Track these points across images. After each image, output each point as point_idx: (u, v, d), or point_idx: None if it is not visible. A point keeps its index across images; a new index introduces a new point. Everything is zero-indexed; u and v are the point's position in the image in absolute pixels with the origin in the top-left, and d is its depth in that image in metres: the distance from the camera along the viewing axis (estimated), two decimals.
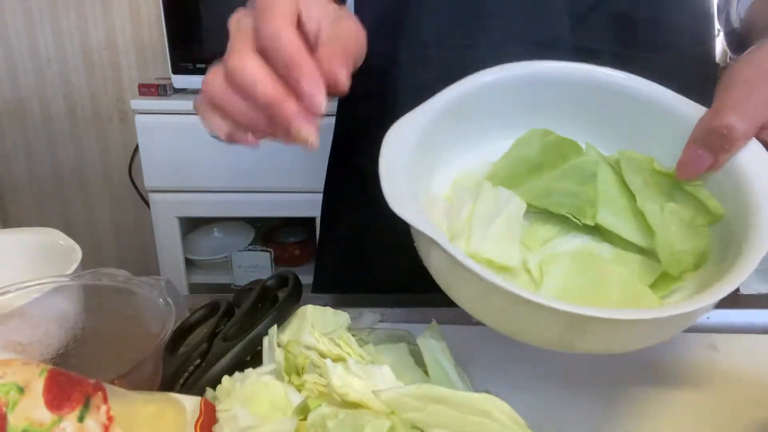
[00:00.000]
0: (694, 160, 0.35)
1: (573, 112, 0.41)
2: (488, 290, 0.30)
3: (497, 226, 0.36)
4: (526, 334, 0.33)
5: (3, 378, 0.26)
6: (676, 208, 0.36)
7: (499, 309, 0.32)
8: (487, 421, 0.31)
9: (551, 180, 0.39)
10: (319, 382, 0.35)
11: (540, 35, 0.55)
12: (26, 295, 0.39)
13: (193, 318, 0.46)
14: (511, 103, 0.41)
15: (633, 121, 0.40)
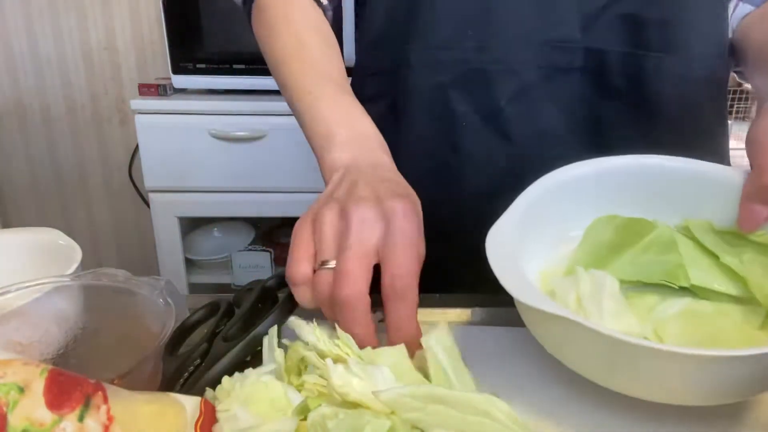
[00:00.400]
0: (753, 215, 0.39)
1: (629, 197, 0.45)
2: (637, 354, 0.32)
3: (606, 302, 0.39)
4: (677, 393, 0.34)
5: (3, 378, 0.26)
6: (752, 256, 0.40)
7: (647, 370, 0.33)
8: (487, 421, 0.31)
9: (635, 255, 0.43)
10: (318, 382, 0.35)
11: (551, 36, 0.55)
12: (26, 295, 0.39)
13: (193, 318, 0.46)
14: (574, 199, 0.46)
15: (681, 194, 0.44)
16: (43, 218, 2.00)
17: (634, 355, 0.32)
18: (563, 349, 0.37)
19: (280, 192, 1.57)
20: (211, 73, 1.55)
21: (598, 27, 0.55)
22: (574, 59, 0.55)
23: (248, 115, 1.51)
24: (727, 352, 0.30)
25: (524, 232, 0.42)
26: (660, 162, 0.45)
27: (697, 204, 0.43)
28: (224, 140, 1.52)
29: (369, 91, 0.63)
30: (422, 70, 0.58)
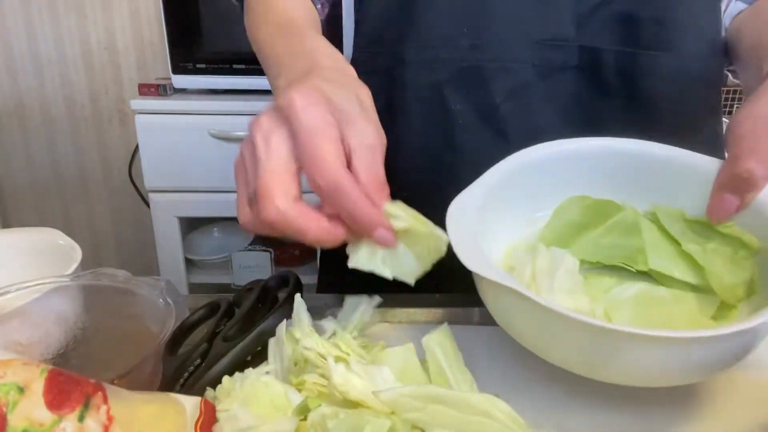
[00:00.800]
0: (723, 204, 0.39)
1: (603, 180, 0.45)
2: (571, 327, 0.32)
3: (559, 279, 0.40)
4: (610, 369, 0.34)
5: (3, 378, 0.26)
6: (716, 246, 0.40)
7: (581, 346, 0.33)
8: (487, 421, 0.31)
9: (598, 236, 0.43)
10: (318, 382, 0.35)
11: (545, 35, 0.55)
12: (26, 295, 0.39)
13: (193, 318, 0.46)
14: (547, 178, 0.45)
15: (656, 181, 0.44)
16: (43, 218, 2.00)
17: (566, 327, 0.32)
18: (508, 320, 0.37)
19: None
20: (211, 73, 1.55)
21: (592, 25, 0.55)
22: (569, 57, 0.56)
23: (248, 115, 1.51)
24: (648, 331, 0.30)
25: (492, 207, 0.42)
26: (637, 147, 0.44)
27: (671, 191, 0.43)
28: (224, 140, 1.52)
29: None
30: (418, 68, 0.58)
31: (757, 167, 0.37)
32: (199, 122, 1.51)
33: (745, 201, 0.38)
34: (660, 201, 0.43)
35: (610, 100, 0.57)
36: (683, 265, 0.41)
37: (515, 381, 0.41)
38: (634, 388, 0.40)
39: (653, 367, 0.32)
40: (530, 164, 0.44)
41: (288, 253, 1.77)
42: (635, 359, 0.32)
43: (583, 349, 0.33)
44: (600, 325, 0.31)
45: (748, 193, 0.38)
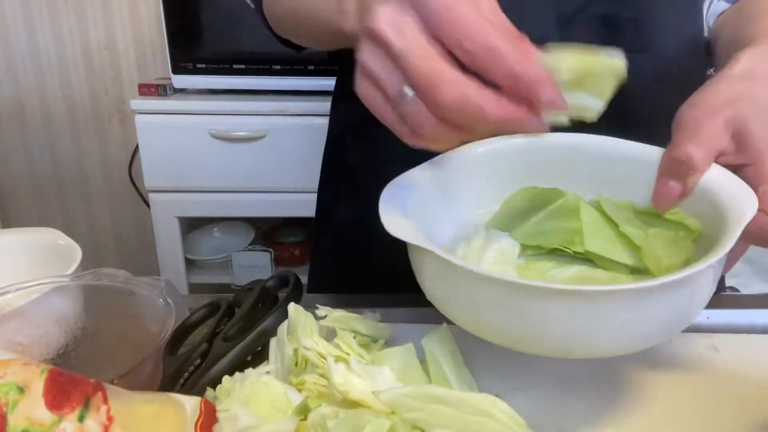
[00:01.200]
0: (667, 191, 0.38)
1: (553, 174, 0.45)
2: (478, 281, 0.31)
3: (490, 254, 0.40)
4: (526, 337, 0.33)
5: (3, 378, 0.26)
6: (658, 230, 0.40)
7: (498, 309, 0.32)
8: (488, 421, 0.31)
9: (538, 222, 0.43)
10: (318, 382, 0.35)
11: (526, 35, 0.56)
12: (26, 295, 0.39)
13: (193, 318, 0.46)
14: (500, 171, 0.45)
15: (607, 174, 0.44)
16: (43, 218, 2.00)
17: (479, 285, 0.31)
18: (434, 292, 0.36)
19: (280, 192, 1.57)
20: (211, 73, 1.55)
21: (574, 27, 0.55)
22: None
23: (248, 115, 1.51)
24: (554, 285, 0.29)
25: (444, 199, 0.42)
26: (587, 140, 0.45)
27: (621, 184, 0.43)
28: (224, 140, 1.52)
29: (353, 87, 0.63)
30: None
31: (696, 150, 0.37)
32: (199, 122, 1.51)
33: (687, 186, 0.38)
34: (610, 193, 0.43)
35: None
36: (621, 247, 0.41)
37: (515, 381, 0.41)
38: (635, 388, 0.40)
39: (567, 327, 0.31)
40: (472, 161, 0.44)
41: (288, 253, 1.77)
42: (545, 317, 0.31)
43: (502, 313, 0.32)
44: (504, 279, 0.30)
45: (689, 177, 0.38)
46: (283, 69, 1.52)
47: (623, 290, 0.30)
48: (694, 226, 0.38)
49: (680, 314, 0.33)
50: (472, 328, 0.35)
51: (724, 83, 0.40)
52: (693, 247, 0.38)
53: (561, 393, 0.40)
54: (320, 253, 0.74)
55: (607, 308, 0.30)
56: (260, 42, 1.52)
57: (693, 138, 0.37)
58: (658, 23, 0.55)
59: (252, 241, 1.80)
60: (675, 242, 0.39)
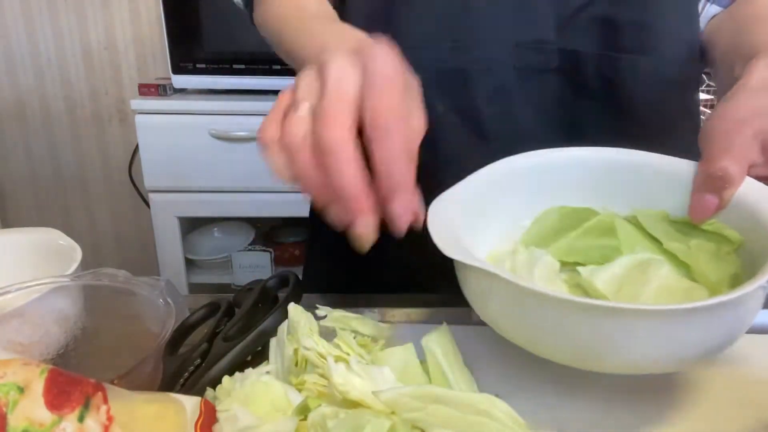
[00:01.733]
0: (703, 204, 0.39)
1: (585, 188, 0.46)
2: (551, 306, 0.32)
3: (539, 270, 0.40)
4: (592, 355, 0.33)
5: (3, 378, 0.26)
6: (700, 242, 0.41)
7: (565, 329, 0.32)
8: (488, 421, 0.31)
9: (575, 239, 0.44)
10: (318, 382, 0.35)
11: (526, 37, 0.56)
12: (26, 295, 0.39)
13: (193, 318, 0.46)
14: (529, 187, 0.46)
15: (638, 187, 0.44)
16: (43, 218, 2.00)
17: (546, 307, 0.32)
18: (492, 313, 0.36)
19: (280, 192, 1.57)
20: (211, 73, 1.55)
21: (573, 29, 0.56)
22: (549, 60, 0.56)
23: (248, 115, 1.51)
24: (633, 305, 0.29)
25: (476, 216, 0.42)
26: (614, 155, 0.45)
27: (652, 196, 0.44)
28: (224, 140, 1.52)
29: None
30: None
31: (731, 165, 0.38)
32: (199, 122, 1.51)
33: (723, 199, 0.39)
34: (643, 205, 0.44)
35: (589, 103, 0.57)
36: (667, 261, 0.41)
37: (515, 381, 0.41)
38: (635, 388, 0.40)
39: (639, 347, 0.31)
40: (510, 174, 0.45)
41: (288, 253, 1.77)
42: (622, 339, 0.31)
43: (570, 334, 0.32)
44: (582, 302, 0.30)
45: (726, 191, 0.39)
46: (283, 69, 1.52)
47: (705, 306, 0.30)
48: (734, 237, 0.39)
49: (741, 325, 0.34)
50: (528, 346, 0.35)
51: (746, 95, 0.40)
52: (738, 261, 0.39)
53: (561, 393, 0.40)
54: (314, 254, 0.74)
55: (689, 324, 0.31)
56: (260, 42, 1.51)
57: (727, 152, 0.38)
58: (657, 25, 0.56)
59: (252, 241, 1.80)
60: (719, 256, 0.39)
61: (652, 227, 0.42)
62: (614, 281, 0.39)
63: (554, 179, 0.46)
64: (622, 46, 0.56)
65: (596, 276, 0.39)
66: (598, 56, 0.56)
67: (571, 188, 0.46)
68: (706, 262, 0.39)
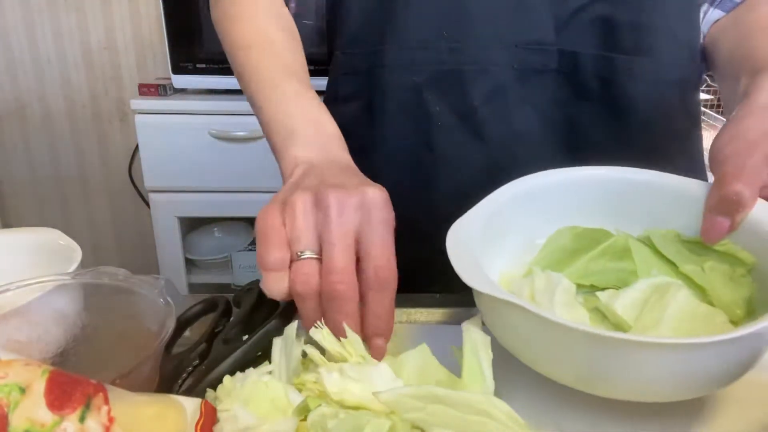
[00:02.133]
0: (716, 226, 0.40)
1: (597, 208, 0.46)
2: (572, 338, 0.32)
3: (559, 295, 0.40)
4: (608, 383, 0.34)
5: (4, 378, 0.26)
6: (714, 264, 0.41)
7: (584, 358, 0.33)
8: (488, 421, 0.31)
9: (589, 261, 0.44)
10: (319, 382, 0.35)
11: (525, 37, 0.56)
12: (26, 293, 0.39)
13: (187, 315, 0.46)
14: (542, 207, 0.46)
15: (649, 206, 0.45)
16: (43, 218, 2.00)
17: (573, 340, 0.32)
18: (511, 340, 0.37)
19: None
20: (211, 73, 1.55)
21: (571, 29, 0.56)
22: (548, 61, 0.56)
23: (248, 115, 1.51)
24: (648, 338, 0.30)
25: (489, 236, 0.42)
26: (626, 175, 0.46)
27: (663, 216, 0.44)
28: (224, 140, 1.52)
29: (344, 90, 0.64)
30: (397, 70, 0.58)
31: (744, 189, 0.38)
32: (199, 122, 1.51)
33: (735, 221, 0.39)
34: (654, 225, 0.44)
35: (588, 103, 0.57)
36: (684, 284, 0.41)
37: (515, 381, 0.41)
38: None
39: (657, 377, 0.32)
40: (525, 193, 0.45)
41: None
42: (638, 369, 0.32)
43: (588, 362, 0.33)
44: (599, 333, 0.31)
45: (738, 213, 0.39)
46: None
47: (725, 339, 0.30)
48: (747, 258, 0.39)
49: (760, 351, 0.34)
50: (546, 372, 0.36)
51: (756, 116, 0.41)
52: (752, 283, 0.39)
53: (561, 393, 0.40)
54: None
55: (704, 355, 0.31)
56: None
57: (740, 175, 0.38)
58: (656, 26, 0.56)
59: (252, 241, 1.80)
60: (733, 279, 0.40)
61: (666, 249, 0.42)
62: (634, 306, 0.39)
63: (566, 199, 0.46)
64: (620, 47, 0.56)
65: (615, 301, 0.39)
66: (597, 57, 0.56)
67: (583, 208, 0.46)
68: (721, 284, 0.39)
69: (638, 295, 0.40)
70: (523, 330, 0.35)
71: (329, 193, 0.39)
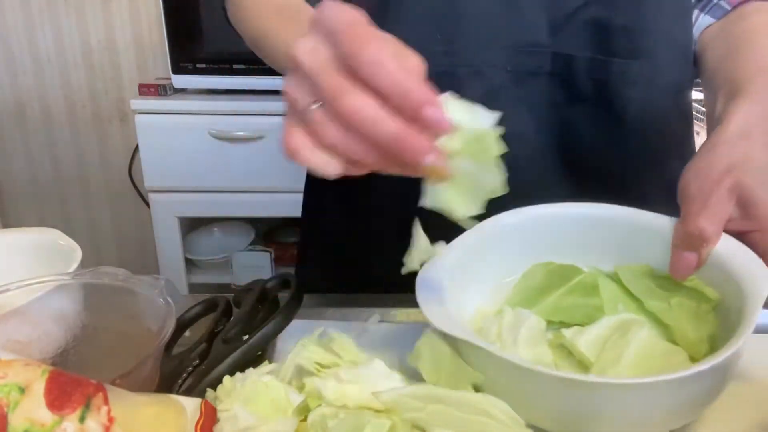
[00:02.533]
0: (683, 261, 0.41)
1: (569, 244, 0.47)
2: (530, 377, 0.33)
3: (523, 332, 0.41)
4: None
5: (4, 378, 0.26)
6: (681, 300, 0.42)
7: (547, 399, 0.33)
8: (487, 420, 0.31)
9: (559, 298, 0.45)
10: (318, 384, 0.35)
11: (519, 40, 0.56)
12: (26, 293, 0.39)
13: (188, 315, 0.46)
14: (515, 244, 0.47)
15: (621, 242, 0.46)
16: (43, 218, 2.00)
17: (519, 376, 0.33)
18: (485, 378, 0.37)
19: (280, 192, 1.57)
20: (211, 73, 1.55)
21: (566, 32, 0.55)
22: (542, 63, 0.56)
23: (248, 115, 1.51)
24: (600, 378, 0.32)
25: (465, 273, 0.43)
26: (599, 211, 0.47)
27: (635, 250, 0.45)
28: (224, 140, 1.52)
29: None
30: None
31: (707, 225, 0.39)
32: (199, 122, 1.51)
33: (702, 257, 0.40)
34: (625, 260, 0.45)
35: (582, 106, 0.57)
36: (647, 321, 0.42)
37: None
38: None
39: (604, 414, 0.32)
40: (498, 232, 0.46)
41: (288, 253, 1.77)
42: (586, 406, 0.32)
43: (548, 402, 0.34)
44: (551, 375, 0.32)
45: (703, 249, 0.40)
46: None
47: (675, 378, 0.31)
48: (712, 295, 0.40)
49: (720, 385, 0.35)
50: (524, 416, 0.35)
51: (723, 147, 0.42)
52: (715, 320, 0.40)
53: None
54: (307, 256, 0.73)
55: (657, 393, 0.32)
56: None
57: (703, 212, 0.39)
58: (650, 30, 0.55)
59: (252, 241, 1.80)
60: (698, 315, 0.40)
61: (634, 285, 0.44)
62: (596, 343, 0.40)
63: (540, 236, 0.47)
64: (615, 50, 0.55)
65: (579, 338, 0.40)
66: (591, 60, 0.56)
67: (558, 244, 0.47)
68: (686, 321, 0.40)
69: (602, 332, 0.40)
70: (478, 365, 0.36)
71: (294, 48, 0.34)
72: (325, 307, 0.50)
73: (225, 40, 1.55)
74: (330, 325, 0.43)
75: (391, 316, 0.51)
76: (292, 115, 0.34)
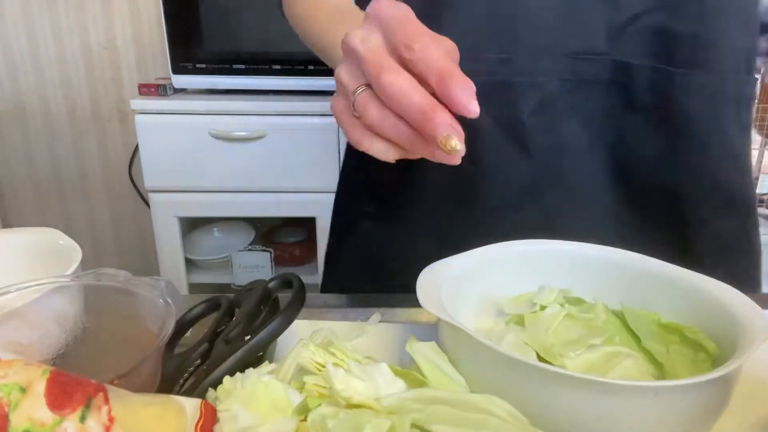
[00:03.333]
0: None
1: (578, 279, 0.47)
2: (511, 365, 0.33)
3: (510, 337, 0.41)
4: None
5: (5, 378, 0.26)
6: (680, 348, 0.41)
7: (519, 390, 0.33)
8: (489, 418, 0.31)
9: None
10: (319, 383, 0.35)
11: (577, 47, 0.54)
12: (26, 295, 0.39)
13: (190, 315, 0.46)
14: (528, 270, 0.47)
15: (633, 286, 0.46)
16: (43, 218, 2.00)
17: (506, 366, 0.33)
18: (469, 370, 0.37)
19: (280, 192, 1.57)
20: (211, 73, 1.55)
21: (625, 39, 0.53)
22: (600, 71, 0.54)
23: (248, 115, 1.51)
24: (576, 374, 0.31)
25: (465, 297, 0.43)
26: (611, 255, 0.46)
27: (642, 296, 0.45)
28: (224, 140, 1.52)
29: None
30: None
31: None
32: (199, 122, 1.51)
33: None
34: (635, 305, 0.45)
35: (638, 117, 0.55)
36: (642, 358, 0.42)
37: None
38: None
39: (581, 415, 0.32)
40: (507, 258, 0.46)
41: (288, 253, 1.77)
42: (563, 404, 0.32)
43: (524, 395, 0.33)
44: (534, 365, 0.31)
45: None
46: (283, 69, 1.52)
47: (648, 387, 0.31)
48: (712, 349, 0.40)
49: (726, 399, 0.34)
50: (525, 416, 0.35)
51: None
52: (711, 369, 0.39)
53: None
54: (338, 263, 0.72)
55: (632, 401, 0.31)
56: (260, 42, 1.52)
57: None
58: (714, 38, 0.53)
59: (252, 241, 1.80)
60: (695, 363, 0.40)
61: (636, 324, 0.43)
62: (580, 366, 0.40)
63: (548, 268, 0.47)
64: (676, 59, 0.53)
65: (566, 361, 0.40)
66: (652, 69, 0.54)
67: (569, 279, 0.46)
68: (680, 365, 0.40)
69: (590, 356, 0.40)
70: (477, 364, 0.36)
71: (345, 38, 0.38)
72: (326, 307, 0.50)
73: (225, 40, 1.55)
74: (330, 325, 0.43)
75: (392, 316, 0.51)
76: (343, 98, 0.38)
